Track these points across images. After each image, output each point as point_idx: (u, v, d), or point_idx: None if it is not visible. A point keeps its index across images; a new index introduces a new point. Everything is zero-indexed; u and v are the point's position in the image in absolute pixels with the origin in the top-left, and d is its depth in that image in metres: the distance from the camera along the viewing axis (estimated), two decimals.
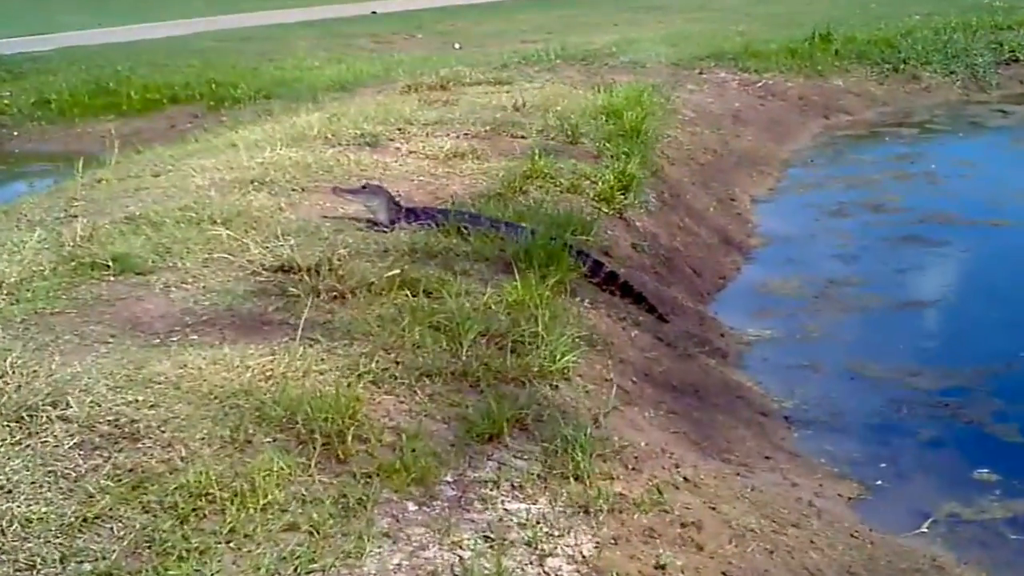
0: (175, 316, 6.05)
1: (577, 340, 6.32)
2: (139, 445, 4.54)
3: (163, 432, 4.64)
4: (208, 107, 20.73)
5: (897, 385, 7.95)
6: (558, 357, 5.90)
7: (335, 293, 6.39)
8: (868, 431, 7.28)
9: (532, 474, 4.86)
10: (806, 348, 8.86)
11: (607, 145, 11.77)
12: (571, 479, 4.86)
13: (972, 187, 14.15)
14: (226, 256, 6.98)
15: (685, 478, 5.27)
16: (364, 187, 8.17)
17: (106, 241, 7.16)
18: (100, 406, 4.78)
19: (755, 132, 16.84)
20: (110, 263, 6.68)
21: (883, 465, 6.73)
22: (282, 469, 4.44)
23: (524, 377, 5.73)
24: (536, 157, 10.26)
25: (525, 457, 5.01)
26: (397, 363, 5.61)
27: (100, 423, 4.66)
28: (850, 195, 13.92)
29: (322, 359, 5.51)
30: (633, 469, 5.17)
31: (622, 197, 10.49)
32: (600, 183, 10.49)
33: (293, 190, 8.93)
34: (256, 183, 8.94)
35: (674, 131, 14.52)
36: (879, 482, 6.51)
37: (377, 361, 5.53)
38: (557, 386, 5.81)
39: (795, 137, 17.45)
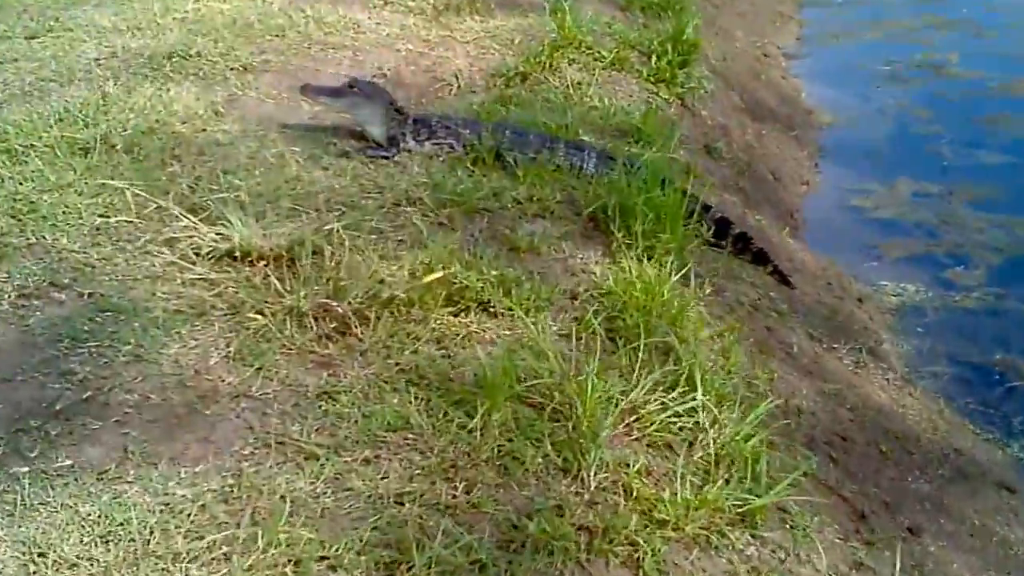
0: (34, 380, 3.12)
1: (757, 416, 3.53)
2: None
3: None
4: None
5: None
6: (761, 485, 3.12)
7: (331, 319, 3.52)
8: None
9: None
10: (980, 322, 6.16)
11: None
12: None
13: None
14: (130, 225, 4.00)
15: None
16: (351, 85, 5.13)
17: None
18: None
19: None
20: None
21: None
22: None
23: (711, 529, 2.98)
24: (565, 18, 7.31)
25: None
26: (473, 506, 2.82)
27: None
28: (896, 51, 11.36)
29: (324, 513, 2.71)
30: None
31: (683, 75, 7.65)
32: (652, 57, 7.59)
33: (231, 71, 5.92)
34: (176, 59, 5.88)
35: None
36: None
37: (439, 510, 2.76)
38: (763, 536, 3.07)
39: None
